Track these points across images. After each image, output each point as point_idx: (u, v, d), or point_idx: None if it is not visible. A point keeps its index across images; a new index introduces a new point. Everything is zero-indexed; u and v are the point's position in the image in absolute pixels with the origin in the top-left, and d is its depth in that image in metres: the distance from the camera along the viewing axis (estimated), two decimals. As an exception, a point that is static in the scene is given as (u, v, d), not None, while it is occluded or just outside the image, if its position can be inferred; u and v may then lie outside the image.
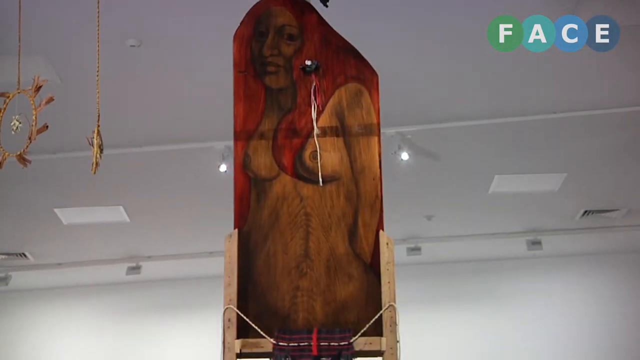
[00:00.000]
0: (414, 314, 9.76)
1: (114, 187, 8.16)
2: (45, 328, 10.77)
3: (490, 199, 8.73)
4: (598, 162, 7.96)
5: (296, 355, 4.18)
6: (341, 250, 4.43)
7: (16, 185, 7.87)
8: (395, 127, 7.21)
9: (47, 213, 8.61)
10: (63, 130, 6.64)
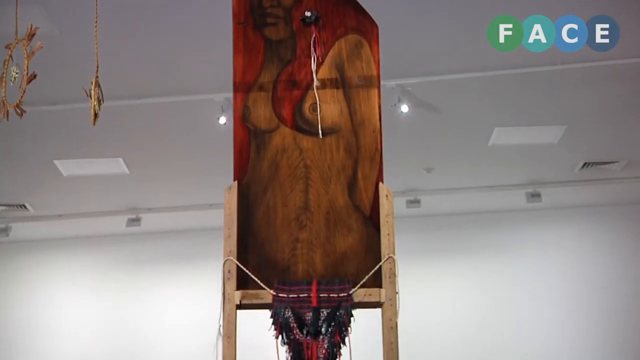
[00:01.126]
0: (413, 265, 9.81)
1: (114, 139, 8.14)
2: (45, 279, 10.82)
3: (490, 152, 8.72)
4: (598, 114, 7.94)
5: (296, 307, 4.21)
6: (341, 202, 4.44)
7: (16, 137, 7.86)
8: (395, 79, 7.18)
9: (46, 165, 8.61)
10: (62, 81, 6.63)
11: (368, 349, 5.94)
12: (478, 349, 9.86)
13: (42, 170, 8.78)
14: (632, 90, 7.39)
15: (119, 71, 6.62)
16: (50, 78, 6.55)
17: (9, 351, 10.49)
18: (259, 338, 5.53)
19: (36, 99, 6.62)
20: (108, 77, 4.25)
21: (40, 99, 6.98)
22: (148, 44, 6.62)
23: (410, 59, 6.93)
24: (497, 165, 9.19)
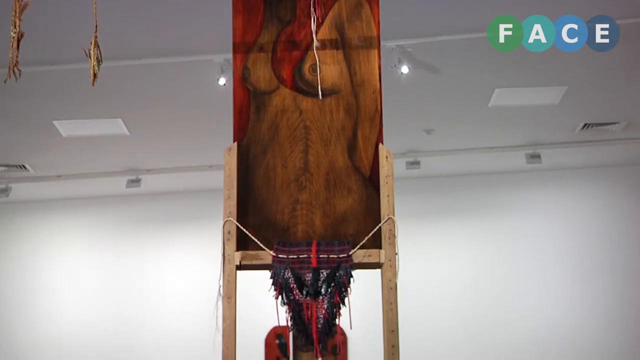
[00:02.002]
0: (413, 227, 9.84)
1: (113, 100, 8.12)
2: (45, 239, 10.84)
3: (490, 113, 8.70)
4: (598, 75, 7.91)
5: (295, 267, 4.23)
6: (340, 163, 4.44)
7: (15, 98, 7.83)
8: (395, 40, 7.14)
9: (46, 125, 8.59)
10: (61, 41, 6.60)
11: (367, 309, 5.99)
12: (478, 308, 9.92)
13: (42, 131, 8.76)
14: (633, 51, 7.36)
15: (118, 32, 6.60)
16: (49, 38, 6.52)
17: (8, 311, 10.54)
18: (259, 298, 5.57)
19: (35, 59, 6.60)
20: (107, 38, 4.23)
21: (39, 59, 6.95)
22: (147, 4, 6.58)
23: (410, 20, 6.89)
24: (497, 126, 9.17)
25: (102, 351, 10.18)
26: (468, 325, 9.88)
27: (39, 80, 7.33)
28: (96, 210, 10.91)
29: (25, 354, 10.28)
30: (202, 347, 9.23)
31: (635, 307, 9.74)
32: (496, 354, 9.72)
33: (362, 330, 7.93)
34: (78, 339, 10.27)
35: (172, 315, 10.32)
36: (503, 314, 9.87)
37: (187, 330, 10.09)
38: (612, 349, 9.59)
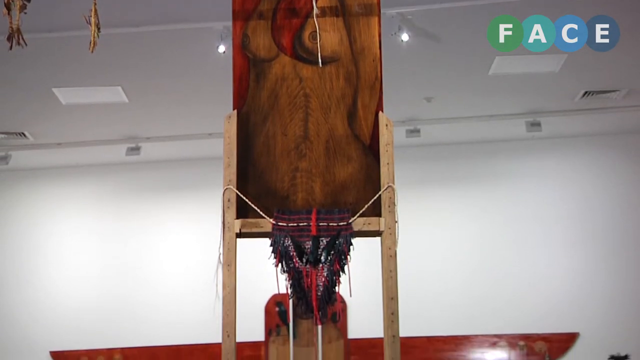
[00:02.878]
0: (413, 195, 9.85)
1: (112, 67, 8.10)
2: (45, 207, 10.85)
3: (490, 81, 8.68)
4: (599, 43, 7.88)
5: (295, 235, 4.23)
6: (340, 131, 4.44)
7: (15, 65, 7.81)
8: (395, 7, 7.11)
9: (45, 93, 8.57)
10: (61, 8, 6.57)
11: (367, 277, 6.01)
12: (477, 275, 9.96)
13: (41, 99, 8.74)
14: (634, 18, 7.32)
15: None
16: (49, 5, 6.48)
17: (8, 277, 10.57)
18: (259, 266, 5.58)
19: (35, 26, 6.57)
20: (106, 5, 4.22)
21: (39, 26, 6.92)
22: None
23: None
24: (497, 94, 9.15)
25: (103, 317, 10.22)
26: (468, 292, 9.92)
27: (39, 47, 7.30)
28: (96, 178, 10.91)
29: (25, 319, 10.33)
30: (202, 314, 9.28)
31: (634, 272, 9.77)
32: (496, 320, 9.77)
33: (362, 298, 7.97)
34: (78, 304, 10.31)
35: (172, 283, 10.36)
36: (503, 280, 9.91)
37: (187, 298, 10.14)
38: (612, 312, 9.64)
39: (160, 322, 10.17)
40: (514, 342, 9.68)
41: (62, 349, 10.15)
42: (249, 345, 9.66)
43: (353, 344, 9.70)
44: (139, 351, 10.09)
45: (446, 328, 9.81)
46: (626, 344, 8.97)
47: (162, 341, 10.08)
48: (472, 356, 9.70)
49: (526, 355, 9.61)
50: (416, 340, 9.60)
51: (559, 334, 9.65)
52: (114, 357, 10.08)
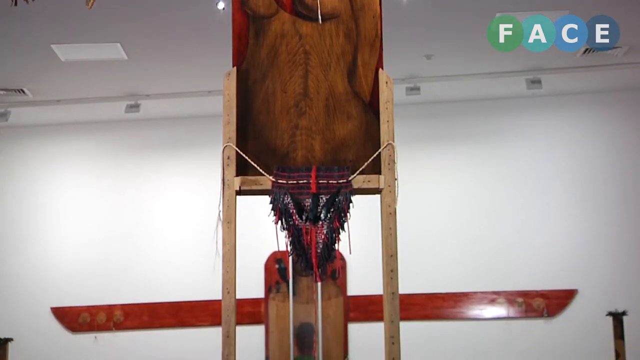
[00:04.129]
0: (412, 152, 9.84)
1: (111, 24, 8.04)
2: (45, 164, 10.84)
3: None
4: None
5: (295, 193, 4.24)
6: (340, 89, 4.43)
7: (13, 21, 7.76)
8: (396, -37, 7.06)
9: (44, 49, 8.53)
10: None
11: (366, 234, 6.02)
12: (477, 233, 9.98)
13: (40, 55, 8.70)
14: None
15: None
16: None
17: (7, 234, 10.60)
18: (258, 224, 5.59)
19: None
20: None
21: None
22: None
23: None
24: (497, 51, 9.08)
25: (102, 274, 10.26)
26: (467, 249, 9.95)
27: (37, 3, 7.23)
28: (95, 136, 10.89)
29: (25, 276, 10.37)
30: (202, 271, 9.33)
31: (633, 229, 9.80)
32: (495, 277, 9.81)
33: (361, 255, 8.01)
34: (78, 260, 10.34)
35: (172, 240, 10.38)
36: (502, 238, 9.93)
37: (187, 255, 10.17)
38: (610, 269, 9.68)
39: (161, 279, 10.21)
40: (512, 298, 9.73)
41: (63, 305, 10.21)
42: (249, 302, 9.71)
43: (352, 301, 9.76)
44: (139, 308, 10.15)
45: (445, 285, 9.86)
46: (624, 300, 9.01)
47: (163, 298, 10.13)
48: (471, 313, 9.76)
49: (524, 312, 9.67)
50: (415, 297, 9.66)
51: (557, 291, 9.71)
52: (114, 313, 10.14)
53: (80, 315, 10.19)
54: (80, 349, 10.05)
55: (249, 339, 9.34)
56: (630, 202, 9.89)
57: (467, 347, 9.62)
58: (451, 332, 9.75)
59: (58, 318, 10.21)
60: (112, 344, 10.04)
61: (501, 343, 9.60)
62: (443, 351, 9.61)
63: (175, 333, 10.05)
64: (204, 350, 9.38)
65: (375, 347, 5.96)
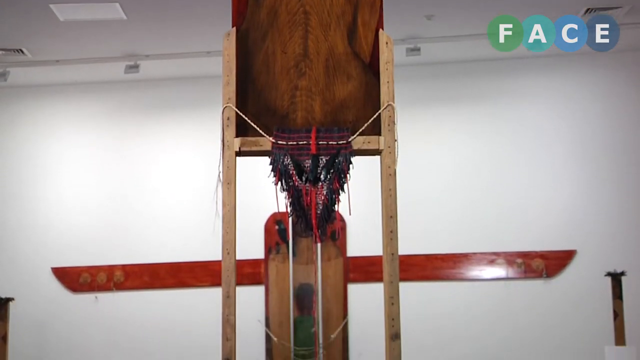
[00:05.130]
0: (413, 113, 9.82)
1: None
2: (44, 124, 10.82)
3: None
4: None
5: (295, 154, 4.24)
6: (340, 49, 4.42)
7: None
8: None
9: (42, 9, 8.48)
10: None
11: (366, 195, 6.03)
12: (476, 193, 9.98)
13: (39, 15, 8.65)
14: None
15: None
16: None
17: (7, 196, 10.61)
18: (258, 185, 5.60)
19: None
20: None
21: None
22: None
23: None
24: (498, 11, 9.03)
25: (102, 234, 10.29)
26: (467, 211, 9.96)
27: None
28: (95, 97, 10.86)
29: (26, 236, 10.39)
30: (202, 232, 9.36)
31: (632, 190, 9.80)
32: (494, 238, 9.83)
33: (361, 217, 8.02)
34: (78, 221, 10.36)
35: (172, 200, 10.39)
36: (502, 199, 9.94)
37: (187, 216, 10.19)
38: (609, 230, 9.69)
39: (161, 239, 10.23)
40: (511, 259, 9.76)
41: (63, 265, 10.24)
42: (249, 263, 9.74)
43: (352, 262, 9.79)
44: (139, 268, 10.19)
45: (444, 246, 9.88)
46: (623, 261, 9.03)
47: (163, 258, 10.16)
48: (470, 273, 9.80)
49: (524, 273, 9.71)
50: (415, 258, 9.69)
51: (556, 252, 9.73)
52: (114, 273, 10.18)
53: (80, 275, 10.24)
54: (81, 309, 10.10)
55: (249, 300, 9.39)
56: (630, 162, 9.89)
57: (466, 307, 9.67)
58: (450, 292, 9.80)
59: (58, 278, 10.26)
60: (112, 303, 10.10)
61: (500, 303, 9.65)
62: (442, 312, 9.66)
63: (176, 293, 10.10)
64: (204, 310, 9.45)
65: (375, 308, 6.00)
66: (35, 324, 10.03)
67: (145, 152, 10.60)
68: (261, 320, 9.61)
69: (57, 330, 10.05)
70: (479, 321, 9.60)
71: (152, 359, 9.85)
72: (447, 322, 9.63)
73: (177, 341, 9.84)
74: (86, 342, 9.99)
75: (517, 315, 9.58)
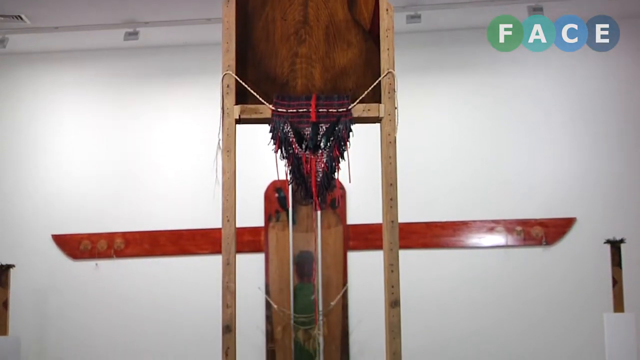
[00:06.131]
0: (413, 81, 9.79)
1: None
2: (44, 91, 10.78)
3: (493, -35, 8.54)
4: None
5: (295, 122, 4.24)
6: (340, 16, 4.40)
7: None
8: None
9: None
10: None
11: (366, 163, 6.03)
12: (476, 161, 9.97)
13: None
14: None
15: None
16: None
17: (6, 164, 10.59)
18: (258, 153, 5.60)
19: None
20: None
21: None
22: None
23: None
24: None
25: (102, 202, 10.29)
26: (467, 178, 9.95)
27: None
28: (95, 64, 10.81)
29: (26, 204, 10.40)
30: (202, 200, 9.38)
31: (632, 157, 9.78)
32: (494, 206, 9.83)
33: (361, 184, 8.03)
34: (78, 188, 10.36)
35: (172, 168, 10.38)
36: (502, 167, 9.92)
37: (187, 184, 10.18)
38: (608, 197, 9.69)
39: (161, 207, 10.24)
40: (511, 227, 9.78)
41: (64, 232, 10.26)
42: (249, 231, 9.76)
43: (352, 229, 9.80)
44: (140, 235, 10.20)
45: (444, 214, 9.89)
46: (622, 229, 9.05)
47: (163, 226, 10.17)
48: (470, 241, 9.82)
49: (523, 240, 9.73)
50: (414, 226, 9.70)
51: (555, 219, 9.75)
52: (115, 241, 10.20)
53: (81, 242, 10.26)
54: (82, 276, 10.13)
55: (249, 267, 9.42)
56: (629, 129, 9.87)
57: (465, 275, 9.70)
58: (450, 260, 9.82)
59: (59, 245, 10.28)
60: (113, 271, 10.13)
61: (499, 271, 9.68)
62: (441, 279, 9.69)
63: (176, 261, 10.12)
64: (205, 277, 9.48)
65: (375, 275, 6.03)
66: (36, 290, 10.07)
67: (145, 118, 10.58)
68: (261, 287, 9.64)
69: (58, 297, 10.08)
70: (478, 289, 9.64)
71: (152, 326, 9.90)
72: (446, 290, 9.66)
73: (177, 308, 9.88)
74: (86, 309, 10.03)
75: (516, 283, 9.61)
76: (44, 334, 10.03)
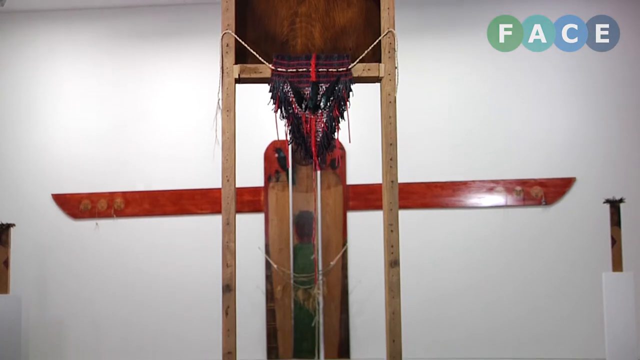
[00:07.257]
0: (414, 41, 9.74)
1: None
2: (45, 50, 10.73)
3: None
4: None
5: (294, 81, 4.22)
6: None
7: None
8: None
9: None
10: None
11: (366, 123, 6.02)
12: (475, 121, 9.95)
13: (34, -61, 8.56)
14: None
15: None
16: None
17: (6, 124, 10.57)
18: (258, 113, 5.58)
19: None
20: None
21: None
22: None
23: None
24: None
25: (102, 162, 10.29)
26: (466, 138, 9.93)
27: None
28: (95, 23, 10.75)
29: (26, 163, 10.39)
30: (202, 160, 9.36)
31: (631, 116, 9.76)
32: (494, 166, 9.81)
33: (361, 144, 8.02)
34: (77, 149, 10.35)
35: (172, 128, 10.37)
36: (501, 127, 9.88)
37: (187, 144, 10.17)
38: (607, 157, 9.66)
39: (161, 167, 10.23)
40: (510, 187, 9.78)
41: (64, 192, 10.27)
42: (249, 191, 9.77)
43: (352, 189, 9.81)
44: (140, 195, 10.21)
45: (444, 174, 9.88)
46: (621, 188, 9.06)
47: (163, 186, 10.17)
48: (469, 201, 9.83)
49: (522, 200, 9.74)
50: (414, 186, 9.71)
51: (555, 179, 9.75)
52: (115, 200, 10.21)
53: (81, 202, 10.27)
54: (82, 235, 10.15)
55: (249, 227, 9.45)
56: (629, 91, 9.84)
57: (465, 235, 9.72)
58: (449, 220, 9.83)
59: (59, 204, 10.29)
60: (113, 230, 10.15)
61: (499, 231, 9.70)
62: (441, 239, 9.72)
63: (176, 220, 10.14)
64: (205, 237, 9.51)
65: (374, 235, 6.04)
66: (36, 249, 10.10)
67: (143, 79, 10.53)
68: (261, 247, 9.67)
69: (58, 256, 10.11)
70: (477, 248, 9.66)
71: (152, 285, 9.94)
72: (445, 250, 9.69)
73: (177, 268, 9.92)
74: (86, 268, 10.06)
75: (515, 243, 9.63)
76: (45, 293, 10.07)
